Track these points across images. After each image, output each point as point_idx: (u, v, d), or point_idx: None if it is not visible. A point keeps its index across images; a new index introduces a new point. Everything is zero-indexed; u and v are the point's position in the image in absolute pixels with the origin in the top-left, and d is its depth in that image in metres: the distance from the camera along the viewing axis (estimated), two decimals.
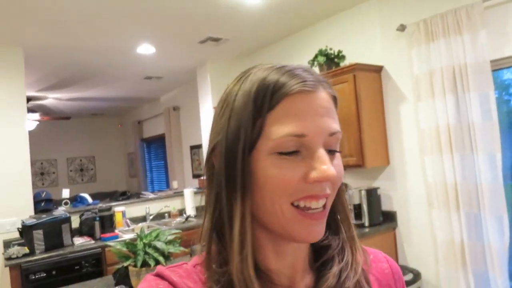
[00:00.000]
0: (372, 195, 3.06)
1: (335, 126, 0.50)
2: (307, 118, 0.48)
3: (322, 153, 0.48)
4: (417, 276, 2.81)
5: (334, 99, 0.53)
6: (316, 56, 3.29)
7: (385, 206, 3.15)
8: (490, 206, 2.42)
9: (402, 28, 2.87)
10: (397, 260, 3.07)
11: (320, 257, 0.56)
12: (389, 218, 3.12)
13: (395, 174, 3.09)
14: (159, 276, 0.52)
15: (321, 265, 0.56)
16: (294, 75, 0.49)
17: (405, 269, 2.89)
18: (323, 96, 0.50)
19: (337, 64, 3.26)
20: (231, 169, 0.49)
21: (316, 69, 3.33)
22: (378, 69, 3.12)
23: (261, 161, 0.48)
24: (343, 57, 3.30)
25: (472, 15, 2.42)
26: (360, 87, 2.97)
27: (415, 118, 2.90)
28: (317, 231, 0.50)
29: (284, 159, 0.47)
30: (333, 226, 0.58)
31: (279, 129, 0.47)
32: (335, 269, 0.53)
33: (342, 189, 0.57)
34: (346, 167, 3.14)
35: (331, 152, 0.50)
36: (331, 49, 3.29)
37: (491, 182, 2.41)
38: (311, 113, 0.48)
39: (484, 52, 2.40)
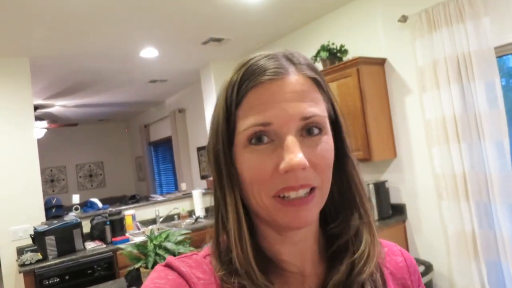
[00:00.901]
0: (380, 188, 3.04)
1: (311, 109, 0.48)
2: (272, 106, 0.47)
3: (289, 141, 0.46)
4: (428, 268, 2.80)
5: (315, 81, 0.51)
6: (318, 52, 3.28)
7: (394, 199, 3.14)
8: (500, 194, 2.39)
9: (404, 19, 2.85)
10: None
11: (332, 245, 0.55)
12: (399, 211, 3.10)
13: (403, 166, 3.08)
14: (169, 266, 0.52)
15: (334, 254, 0.54)
16: (256, 67, 0.49)
17: (417, 261, 2.86)
18: (292, 80, 0.49)
19: (340, 59, 3.25)
20: (217, 165, 0.52)
21: (319, 65, 3.33)
22: (381, 62, 3.10)
23: (239, 155, 0.49)
24: (345, 52, 3.29)
25: (474, 2, 2.40)
26: (364, 81, 2.96)
27: (420, 109, 2.89)
28: (302, 216, 0.48)
29: (257, 151, 0.48)
30: (344, 212, 0.55)
31: (246, 121, 0.48)
32: (347, 261, 0.52)
33: (350, 172, 0.55)
34: None
35: (311, 138, 0.49)
36: (333, 44, 3.28)
37: (500, 170, 2.39)
38: (276, 101, 0.47)
39: (488, 39, 2.38)
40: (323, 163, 0.49)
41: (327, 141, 0.50)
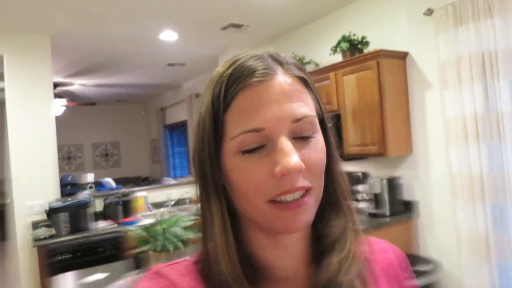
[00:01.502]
0: (394, 184, 3.00)
1: (302, 110, 0.47)
2: (263, 110, 0.46)
3: (283, 144, 0.45)
4: (438, 267, 2.76)
5: (303, 80, 0.50)
6: (339, 42, 3.21)
7: (406, 196, 3.09)
8: None
9: (429, 12, 2.76)
10: (418, 251, 3.02)
11: (320, 245, 0.55)
12: (411, 208, 3.06)
13: (418, 163, 3.02)
14: (159, 274, 0.51)
15: (322, 254, 0.54)
16: (244, 68, 0.48)
17: (426, 260, 2.84)
18: (280, 81, 0.48)
19: (361, 51, 3.17)
20: (202, 174, 0.50)
21: (339, 56, 3.27)
22: (403, 56, 3.02)
23: (229, 163, 0.48)
24: (366, 43, 3.21)
25: None
26: (383, 74, 2.89)
27: (440, 106, 2.81)
28: (298, 219, 0.47)
29: (250, 158, 0.46)
30: (329, 211, 0.55)
31: (236, 127, 0.46)
32: (334, 260, 0.51)
33: (335, 171, 0.54)
34: (368, 155, 3.09)
35: (303, 139, 0.48)
36: (354, 35, 3.20)
37: None
38: (266, 104, 0.46)
39: None
40: (317, 164, 0.48)
41: (319, 141, 0.49)
